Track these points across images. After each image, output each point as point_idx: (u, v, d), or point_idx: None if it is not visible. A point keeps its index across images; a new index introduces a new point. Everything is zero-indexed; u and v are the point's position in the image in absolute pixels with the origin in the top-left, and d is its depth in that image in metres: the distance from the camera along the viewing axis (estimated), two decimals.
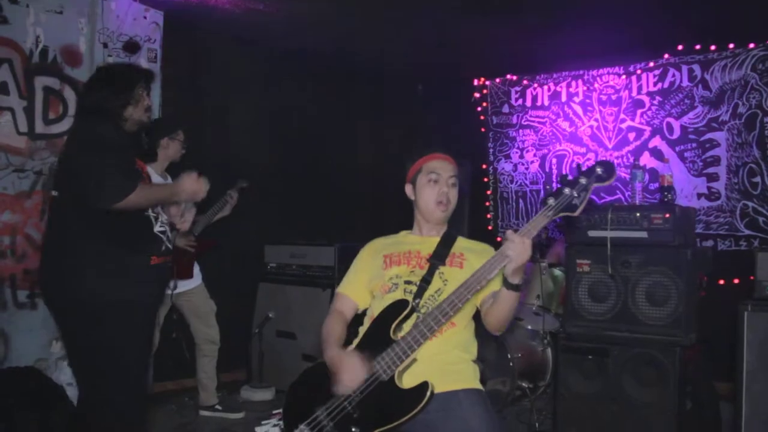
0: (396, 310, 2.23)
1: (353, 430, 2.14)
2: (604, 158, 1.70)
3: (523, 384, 4.36)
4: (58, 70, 4.59)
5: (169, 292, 4.18)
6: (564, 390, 3.55)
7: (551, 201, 1.96)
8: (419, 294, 2.28)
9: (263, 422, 4.03)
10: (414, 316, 2.23)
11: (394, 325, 2.20)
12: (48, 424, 3.98)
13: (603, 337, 3.45)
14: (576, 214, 1.95)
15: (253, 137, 5.64)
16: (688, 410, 3.31)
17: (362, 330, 2.41)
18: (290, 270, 5.20)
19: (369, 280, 2.44)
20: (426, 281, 2.30)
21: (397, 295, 2.32)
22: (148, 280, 2.62)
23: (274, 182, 5.72)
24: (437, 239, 2.44)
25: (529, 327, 4.49)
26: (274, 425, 3.91)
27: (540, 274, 4.67)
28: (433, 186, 2.40)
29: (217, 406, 4.47)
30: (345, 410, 2.18)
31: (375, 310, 2.36)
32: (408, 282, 2.34)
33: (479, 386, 2.30)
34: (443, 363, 2.24)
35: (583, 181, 1.93)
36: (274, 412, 4.16)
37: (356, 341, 2.37)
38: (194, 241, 4.32)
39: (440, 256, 2.37)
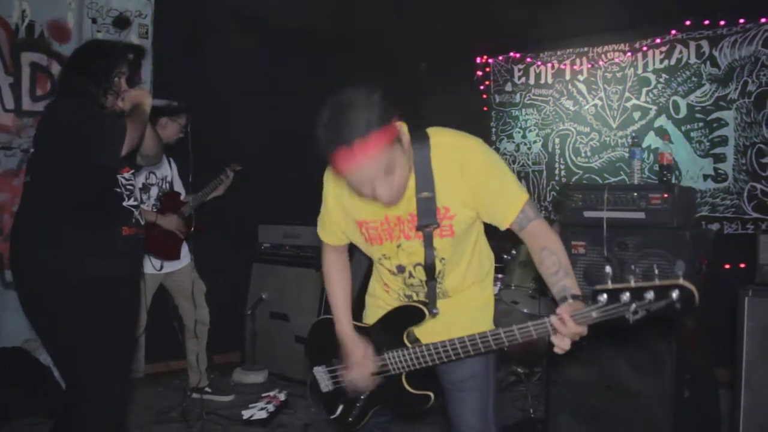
0: (410, 316, 2.11)
1: (362, 397, 2.21)
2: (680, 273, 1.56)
3: (519, 369, 4.27)
4: (45, 45, 4.49)
5: (154, 272, 4.12)
6: (557, 376, 3.44)
7: (602, 299, 1.64)
8: (423, 286, 2.11)
9: (250, 405, 3.98)
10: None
11: (406, 332, 2.10)
12: (34, 405, 3.94)
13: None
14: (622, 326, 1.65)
15: (247, 115, 5.52)
16: (686, 398, 3.19)
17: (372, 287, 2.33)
18: (284, 251, 5.11)
19: (348, 235, 2.20)
20: (424, 268, 2.06)
21: (396, 283, 2.17)
22: (121, 252, 2.55)
23: (269, 161, 5.61)
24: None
25: (525, 311, 4.37)
26: (261, 408, 3.85)
27: None
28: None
29: (207, 389, 4.40)
30: None
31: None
32: (400, 269, 2.11)
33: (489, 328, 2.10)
34: (457, 310, 2.13)
35: (649, 296, 1.58)
36: (263, 395, 4.11)
37: (366, 314, 2.32)
38: (185, 225, 4.24)
39: (426, 219, 1.97)
